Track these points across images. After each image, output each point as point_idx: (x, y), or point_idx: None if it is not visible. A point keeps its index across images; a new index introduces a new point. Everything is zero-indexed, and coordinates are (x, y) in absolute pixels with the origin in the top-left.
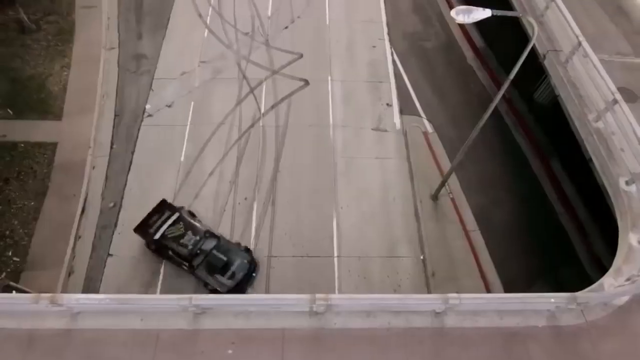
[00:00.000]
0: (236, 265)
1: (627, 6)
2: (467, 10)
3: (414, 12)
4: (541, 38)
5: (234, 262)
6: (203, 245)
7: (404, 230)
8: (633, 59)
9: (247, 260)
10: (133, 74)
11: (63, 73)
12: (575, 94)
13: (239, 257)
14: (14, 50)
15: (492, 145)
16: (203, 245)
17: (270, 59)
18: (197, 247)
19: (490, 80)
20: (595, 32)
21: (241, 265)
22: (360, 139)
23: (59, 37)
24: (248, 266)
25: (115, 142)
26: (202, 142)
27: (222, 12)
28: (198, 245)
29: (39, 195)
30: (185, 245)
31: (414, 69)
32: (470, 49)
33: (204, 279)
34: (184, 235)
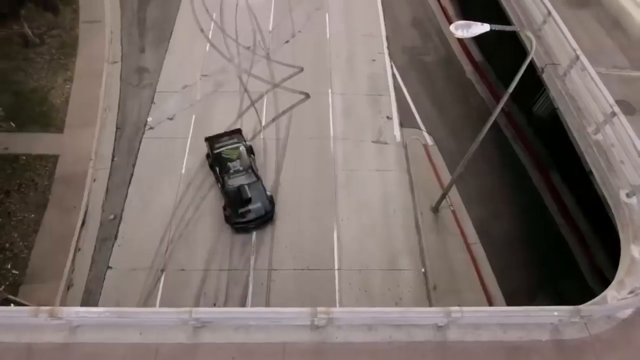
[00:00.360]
0: (254, 208)
1: (623, 20)
2: (466, 25)
3: (413, 26)
4: (539, 52)
5: (255, 204)
6: (242, 175)
7: (405, 242)
8: (630, 72)
9: (266, 210)
10: (135, 87)
11: (65, 86)
12: (574, 106)
13: (261, 202)
14: (17, 63)
15: (491, 158)
16: (241, 176)
17: (271, 73)
18: (236, 175)
19: (489, 93)
20: (593, 46)
21: (258, 209)
22: (360, 151)
23: (62, 51)
24: (263, 214)
25: (116, 154)
26: (203, 155)
27: (224, 26)
28: (238, 174)
29: (40, 208)
30: (229, 169)
31: (414, 82)
32: (469, 63)
33: (225, 203)
34: (233, 161)
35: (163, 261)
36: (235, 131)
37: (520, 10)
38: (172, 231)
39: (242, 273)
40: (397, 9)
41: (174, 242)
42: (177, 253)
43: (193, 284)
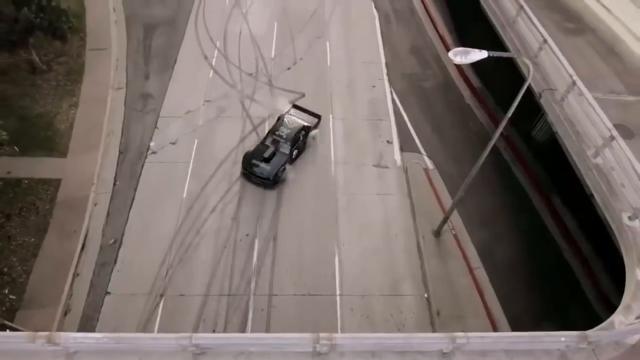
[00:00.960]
0: (263, 167)
1: (618, 47)
2: (464, 51)
3: (412, 54)
4: (536, 78)
5: (266, 166)
6: (280, 142)
7: (407, 267)
8: (627, 96)
9: (268, 176)
10: (139, 112)
11: (71, 111)
12: (573, 130)
13: (271, 168)
14: (24, 89)
15: (492, 181)
16: (279, 142)
17: (274, 98)
18: (277, 138)
19: (488, 118)
20: (589, 71)
21: (264, 170)
22: (361, 175)
23: (69, 77)
24: (264, 177)
25: (118, 178)
26: (205, 179)
27: (227, 54)
28: (279, 139)
29: (40, 232)
30: (276, 130)
31: (413, 107)
32: (468, 88)
33: (251, 151)
34: (286, 128)
35: (162, 286)
36: (317, 115)
37: (516, 37)
38: (172, 255)
39: (242, 298)
40: (396, 37)
41: (173, 266)
42: (176, 278)
43: (192, 310)
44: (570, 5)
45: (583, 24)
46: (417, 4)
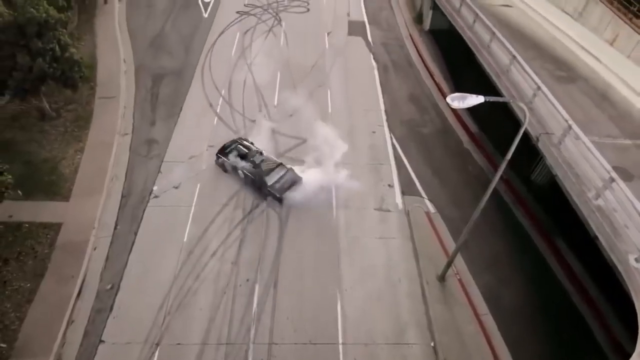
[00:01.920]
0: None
1: (610, 94)
2: (461, 97)
3: (410, 101)
4: (532, 122)
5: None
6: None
7: (412, 313)
8: (623, 140)
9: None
10: (143, 157)
11: (76, 156)
12: (572, 173)
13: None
14: (32, 135)
15: (494, 225)
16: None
17: (276, 144)
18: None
19: (487, 162)
20: (583, 116)
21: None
22: (363, 218)
23: (76, 124)
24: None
25: (119, 222)
26: (206, 223)
27: (231, 101)
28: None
29: (37, 277)
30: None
31: (413, 152)
32: (466, 134)
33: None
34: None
35: (159, 334)
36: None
37: (510, 85)
38: (171, 301)
39: (240, 347)
40: (394, 86)
41: (171, 313)
42: (174, 325)
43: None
44: (561, 55)
45: (574, 72)
46: (414, 56)
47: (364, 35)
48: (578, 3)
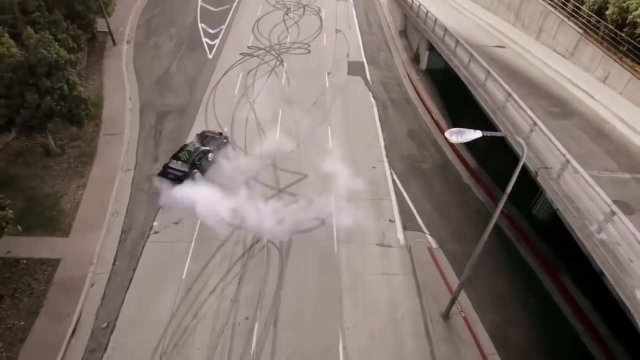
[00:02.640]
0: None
1: (605, 128)
2: (459, 131)
3: (409, 137)
4: (530, 157)
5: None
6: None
7: (416, 352)
8: (621, 174)
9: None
10: (145, 193)
11: (78, 192)
12: (573, 207)
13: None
14: (35, 171)
15: (498, 260)
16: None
17: (277, 179)
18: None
19: (487, 197)
20: (580, 151)
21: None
22: (364, 254)
23: (80, 160)
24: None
25: (118, 258)
26: (206, 259)
27: (233, 138)
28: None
29: (31, 315)
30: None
31: (414, 187)
32: (465, 169)
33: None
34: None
35: None
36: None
37: (507, 121)
38: (167, 341)
39: None
40: (393, 123)
41: (167, 353)
42: None
43: None
44: (555, 92)
45: (569, 108)
46: (412, 94)
47: (363, 74)
48: (569, 43)
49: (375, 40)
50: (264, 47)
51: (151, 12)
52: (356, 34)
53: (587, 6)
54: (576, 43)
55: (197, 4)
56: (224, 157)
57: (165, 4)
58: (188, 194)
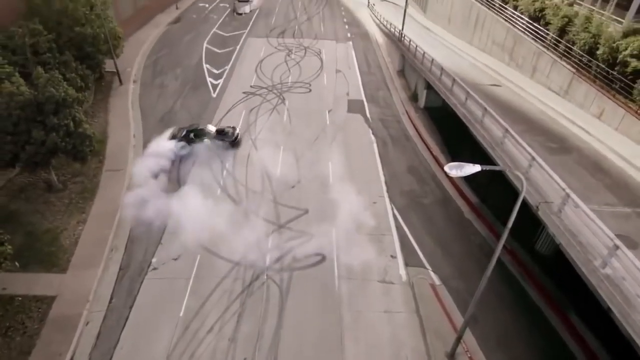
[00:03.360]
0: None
1: (603, 163)
2: (458, 166)
3: (409, 173)
4: (530, 191)
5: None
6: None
7: None
8: (622, 208)
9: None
10: (145, 228)
11: (78, 227)
12: (576, 241)
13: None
14: (36, 206)
15: (503, 297)
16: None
17: (277, 214)
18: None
19: (489, 232)
20: (580, 185)
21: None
22: (366, 291)
23: (82, 195)
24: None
25: (115, 295)
26: (204, 296)
27: (235, 174)
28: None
29: (23, 354)
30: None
31: (415, 223)
32: (466, 204)
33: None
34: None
35: None
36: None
37: (505, 156)
38: None
39: None
40: (393, 158)
41: None
42: None
43: None
44: (551, 128)
45: (566, 144)
46: (411, 130)
47: (363, 112)
48: (563, 82)
49: (374, 80)
50: (266, 86)
51: (158, 53)
52: (356, 74)
53: (578, 46)
54: (570, 81)
55: (202, 46)
56: (225, 191)
57: (172, 46)
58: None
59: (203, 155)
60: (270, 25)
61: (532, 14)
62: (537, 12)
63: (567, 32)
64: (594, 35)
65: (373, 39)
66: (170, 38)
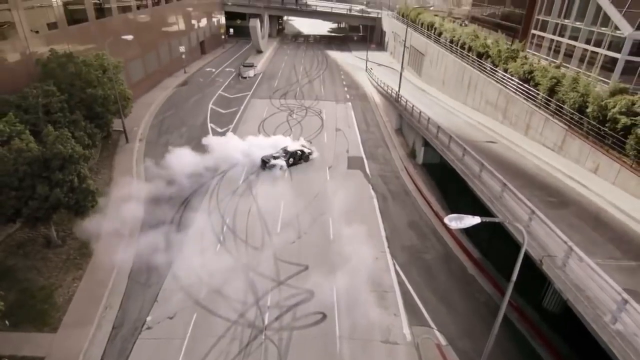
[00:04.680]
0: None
1: (603, 217)
2: (458, 217)
3: (410, 228)
4: (533, 245)
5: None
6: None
7: None
8: (628, 262)
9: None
10: (142, 285)
11: (73, 284)
12: (583, 296)
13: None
14: (33, 262)
15: (512, 357)
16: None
17: (277, 271)
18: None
19: (494, 288)
20: (582, 239)
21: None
22: (369, 353)
23: (80, 251)
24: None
25: (106, 357)
26: (199, 358)
27: (235, 229)
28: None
29: None
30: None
31: (417, 279)
32: (469, 259)
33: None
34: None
35: None
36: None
37: (505, 210)
38: None
39: None
40: (393, 214)
41: None
42: None
43: None
44: (549, 182)
45: (564, 198)
46: (411, 186)
47: (363, 168)
48: (556, 138)
49: (373, 138)
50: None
51: (165, 113)
52: (355, 132)
53: (569, 105)
54: (563, 138)
55: (207, 107)
56: (224, 246)
57: (179, 107)
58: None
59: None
60: (273, 88)
61: (521, 76)
62: (526, 74)
63: (557, 92)
64: (583, 95)
65: (371, 100)
66: (177, 99)
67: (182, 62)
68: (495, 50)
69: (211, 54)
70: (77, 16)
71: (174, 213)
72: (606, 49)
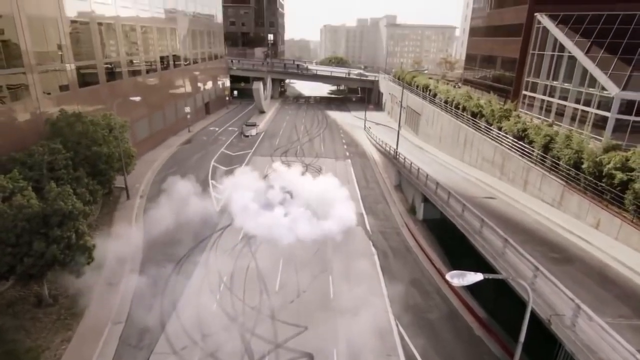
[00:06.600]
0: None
1: (609, 273)
2: (460, 274)
3: (413, 286)
4: (540, 304)
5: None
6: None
7: None
8: (638, 321)
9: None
10: (133, 348)
11: (61, 347)
12: (596, 358)
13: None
14: (23, 322)
15: None
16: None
17: (275, 332)
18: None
19: (503, 350)
20: (589, 297)
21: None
22: None
23: (71, 311)
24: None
25: None
26: None
27: (232, 287)
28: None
29: None
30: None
31: (422, 340)
32: (475, 320)
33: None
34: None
35: None
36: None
37: (509, 266)
38: None
39: None
40: (395, 270)
41: None
42: None
43: None
44: (551, 238)
45: (568, 254)
46: (411, 242)
47: (363, 224)
48: (555, 194)
49: (372, 194)
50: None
51: (167, 170)
52: (355, 188)
53: (564, 161)
54: (561, 193)
55: (210, 164)
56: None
57: (181, 165)
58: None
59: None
60: (275, 146)
61: (515, 134)
62: (520, 132)
63: (551, 149)
64: (577, 151)
65: (370, 157)
66: (180, 157)
67: (187, 122)
68: (488, 110)
69: (215, 114)
70: (88, 79)
71: (170, 271)
72: (596, 108)
